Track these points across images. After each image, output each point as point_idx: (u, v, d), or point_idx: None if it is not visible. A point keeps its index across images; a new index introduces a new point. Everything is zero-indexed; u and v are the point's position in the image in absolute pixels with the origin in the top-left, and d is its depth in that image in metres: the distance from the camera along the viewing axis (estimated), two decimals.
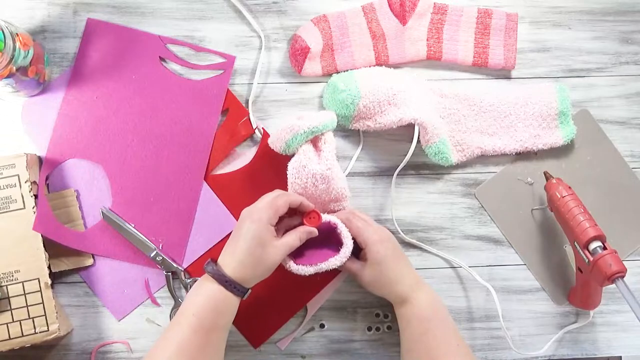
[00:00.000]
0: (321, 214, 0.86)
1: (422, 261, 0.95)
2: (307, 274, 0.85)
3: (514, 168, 0.97)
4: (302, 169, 0.86)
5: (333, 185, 0.88)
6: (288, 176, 0.88)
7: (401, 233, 0.94)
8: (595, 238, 0.85)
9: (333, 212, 0.90)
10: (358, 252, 0.88)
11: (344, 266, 0.87)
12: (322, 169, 0.86)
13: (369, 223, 0.87)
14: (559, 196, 0.89)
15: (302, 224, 0.85)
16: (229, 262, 0.79)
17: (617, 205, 0.97)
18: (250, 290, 0.80)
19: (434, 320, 0.83)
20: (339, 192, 0.89)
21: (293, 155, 0.88)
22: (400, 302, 0.85)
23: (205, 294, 0.78)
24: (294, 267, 0.85)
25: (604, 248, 0.85)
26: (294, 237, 0.82)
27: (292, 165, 0.88)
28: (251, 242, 0.78)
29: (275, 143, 0.88)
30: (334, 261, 0.85)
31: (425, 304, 0.84)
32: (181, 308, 0.78)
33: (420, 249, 0.95)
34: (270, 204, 0.81)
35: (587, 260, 0.85)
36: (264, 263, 0.79)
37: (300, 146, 0.87)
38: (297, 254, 0.86)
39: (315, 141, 0.88)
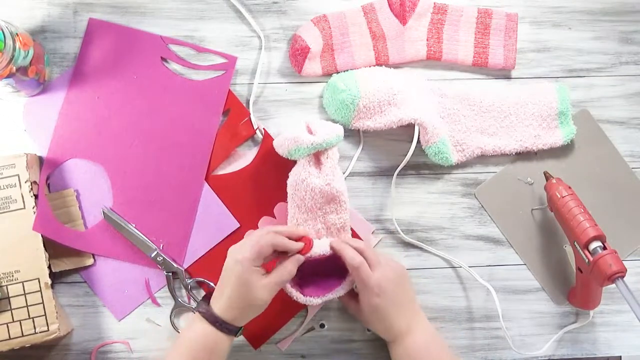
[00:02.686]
0: (323, 238, 0.87)
1: (422, 261, 0.95)
2: (315, 304, 0.86)
3: (514, 168, 0.97)
4: (301, 182, 0.87)
5: (332, 198, 0.88)
6: (287, 188, 0.89)
7: (401, 233, 0.94)
8: (595, 238, 0.85)
9: (334, 225, 0.90)
10: None
11: (342, 298, 0.88)
12: (321, 184, 0.86)
13: (375, 264, 0.83)
14: (559, 196, 0.89)
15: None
16: (219, 303, 0.79)
17: (617, 206, 0.97)
18: (242, 329, 0.81)
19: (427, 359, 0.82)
20: (338, 204, 0.89)
21: (295, 160, 0.88)
22: (393, 342, 0.84)
23: (197, 331, 0.78)
24: (301, 298, 0.85)
25: (604, 248, 0.85)
26: (282, 273, 0.80)
27: (291, 178, 0.88)
28: (236, 284, 0.78)
29: (279, 148, 0.89)
30: (340, 290, 0.86)
31: (419, 345, 0.83)
32: (175, 343, 0.79)
33: (421, 249, 0.95)
34: (253, 245, 0.79)
35: (587, 260, 0.85)
36: (252, 304, 0.79)
37: (302, 157, 0.87)
38: (301, 277, 0.86)
39: (318, 154, 0.87)
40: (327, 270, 0.87)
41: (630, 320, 0.96)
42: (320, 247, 0.85)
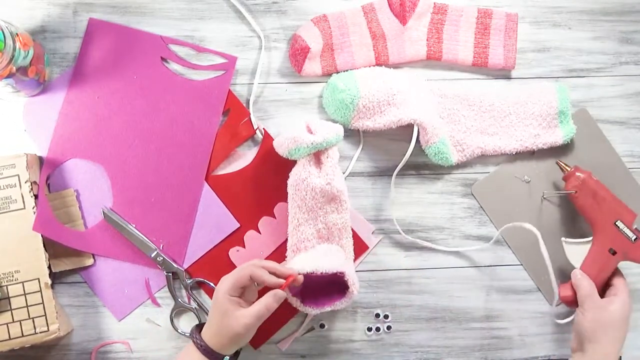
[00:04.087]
0: (325, 247, 0.88)
1: (422, 261, 0.95)
2: (312, 313, 0.88)
3: (511, 166, 0.97)
4: (301, 182, 0.87)
5: (332, 197, 0.88)
6: (288, 188, 0.89)
7: (402, 233, 0.94)
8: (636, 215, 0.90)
9: (335, 225, 0.90)
10: None
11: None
12: (322, 183, 0.87)
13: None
14: (595, 179, 0.90)
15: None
16: (207, 331, 0.81)
17: None
18: (228, 357, 0.81)
19: None
20: (339, 204, 0.90)
21: (295, 160, 0.89)
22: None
23: (187, 356, 0.81)
24: (300, 307, 0.87)
25: None
26: (259, 307, 0.80)
27: (292, 178, 0.88)
28: (215, 312, 0.80)
29: (279, 148, 0.89)
30: (339, 305, 0.87)
31: None
32: None
33: (420, 249, 0.95)
34: (232, 274, 0.81)
35: (633, 238, 0.88)
36: (230, 333, 0.79)
37: (302, 157, 0.87)
38: (304, 289, 0.87)
39: (318, 154, 0.88)
40: (329, 282, 0.88)
41: (630, 320, 0.96)
42: (324, 266, 0.85)
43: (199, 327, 0.83)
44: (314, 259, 0.86)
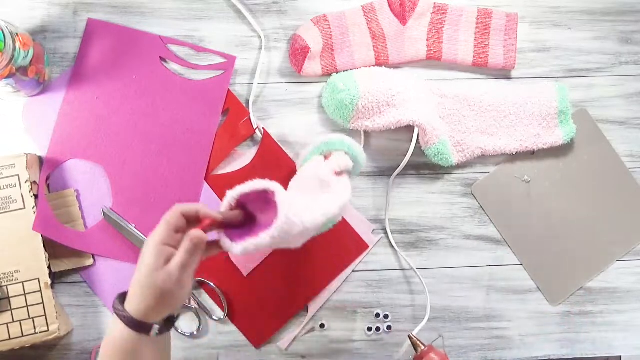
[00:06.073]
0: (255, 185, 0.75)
1: (423, 261, 0.95)
2: (238, 253, 0.71)
3: (511, 166, 0.97)
4: (310, 173, 0.84)
5: (331, 192, 0.87)
6: (293, 180, 0.86)
7: (392, 241, 0.93)
8: None
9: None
10: None
11: None
12: (326, 174, 0.85)
13: None
14: None
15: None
16: (130, 296, 0.68)
17: (613, 205, 0.97)
18: (158, 327, 0.68)
19: None
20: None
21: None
22: None
23: (113, 331, 0.68)
24: (227, 243, 0.72)
25: None
26: (180, 253, 0.67)
27: (300, 171, 0.86)
28: (142, 269, 0.67)
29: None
30: (264, 236, 0.70)
31: None
32: (102, 347, 0.69)
33: (420, 248, 0.95)
34: (162, 220, 0.68)
35: None
36: (154, 292, 0.66)
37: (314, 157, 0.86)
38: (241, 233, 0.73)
39: (327, 157, 0.86)
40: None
41: (630, 320, 0.96)
42: (252, 184, 0.74)
43: (124, 295, 0.69)
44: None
